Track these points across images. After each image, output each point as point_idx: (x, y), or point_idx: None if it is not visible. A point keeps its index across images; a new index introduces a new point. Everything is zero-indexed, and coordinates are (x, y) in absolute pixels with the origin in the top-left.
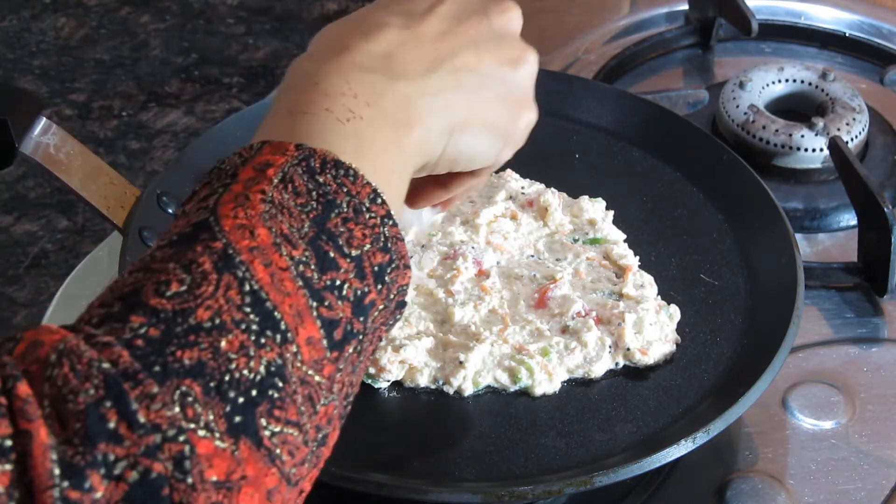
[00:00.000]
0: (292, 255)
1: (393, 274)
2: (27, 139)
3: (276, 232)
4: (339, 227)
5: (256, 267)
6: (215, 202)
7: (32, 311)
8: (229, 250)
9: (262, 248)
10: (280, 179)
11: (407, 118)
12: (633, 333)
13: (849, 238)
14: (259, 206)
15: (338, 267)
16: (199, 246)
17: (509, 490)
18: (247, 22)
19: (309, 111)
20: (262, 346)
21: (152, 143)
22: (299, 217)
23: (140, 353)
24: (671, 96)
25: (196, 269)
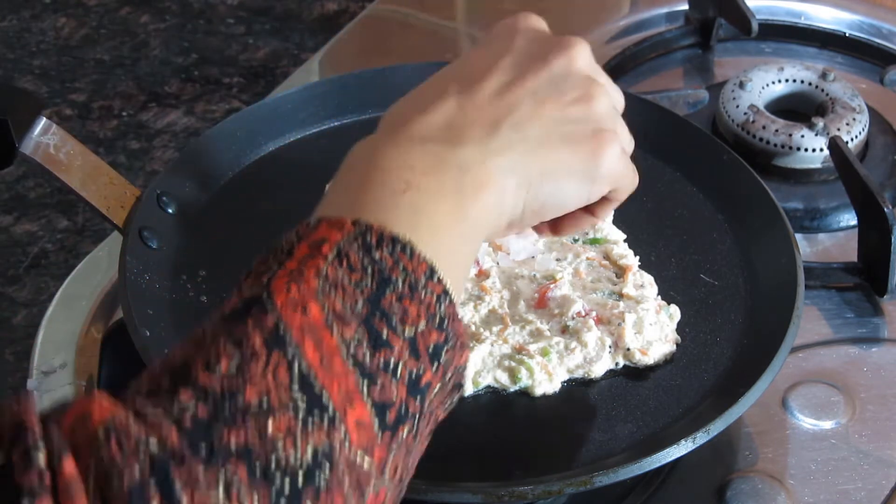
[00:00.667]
0: (344, 334)
1: (449, 354)
2: (27, 139)
3: (329, 309)
4: (394, 305)
5: (307, 346)
6: (269, 279)
7: (32, 311)
8: (280, 327)
9: (314, 327)
10: (335, 255)
11: (473, 185)
12: (633, 333)
13: (849, 238)
14: (313, 282)
15: (391, 346)
16: (250, 320)
17: (509, 490)
18: (247, 22)
19: (366, 187)
20: (308, 430)
21: (152, 143)
22: (353, 294)
23: (188, 432)
24: (671, 96)
25: (246, 346)
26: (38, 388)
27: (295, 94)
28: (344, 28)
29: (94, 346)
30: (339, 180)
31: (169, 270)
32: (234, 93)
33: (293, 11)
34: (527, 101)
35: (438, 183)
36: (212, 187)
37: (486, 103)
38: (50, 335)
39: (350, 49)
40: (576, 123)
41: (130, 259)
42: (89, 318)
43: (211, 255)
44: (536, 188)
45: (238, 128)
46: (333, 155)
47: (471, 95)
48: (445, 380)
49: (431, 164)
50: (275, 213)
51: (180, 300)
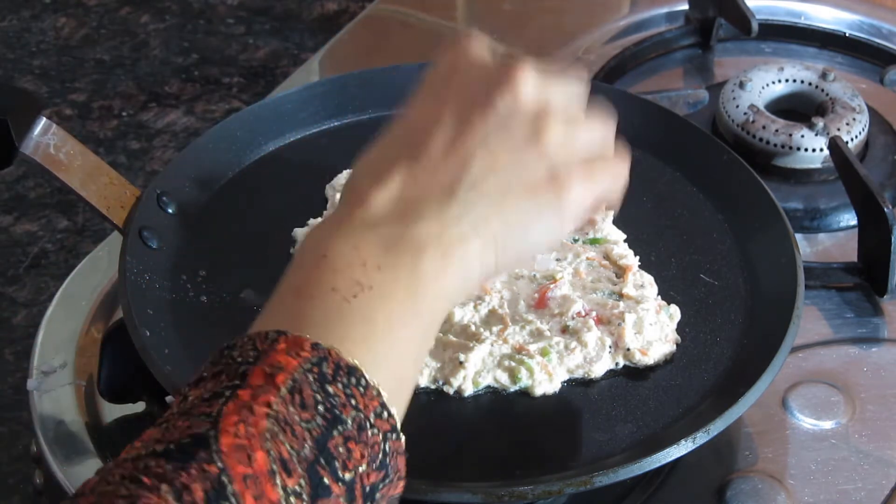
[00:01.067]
0: (286, 485)
1: (384, 490)
2: (27, 139)
3: (275, 457)
4: (340, 448)
5: (247, 500)
6: (219, 410)
7: (32, 311)
8: (223, 478)
9: (257, 477)
10: (289, 389)
11: (431, 262)
12: (633, 333)
13: (849, 238)
14: (262, 424)
15: (330, 493)
16: (194, 468)
17: (509, 490)
18: (247, 22)
19: (314, 293)
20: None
21: (152, 143)
22: (301, 436)
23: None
24: (671, 96)
25: (187, 498)
26: (38, 388)
27: (295, 94)
28: (344, 28)
29: (94, 346)
30: (291, 275)
31: (169, 270)
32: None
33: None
34: (478, 154)
35: (392, 275)
36: (212, 187)
37: (436, 166)
38: (50, 335)
39: (350, 49)
40: (531, 169)
41: (130, 259)
42: (89, 318)
43: (211, 255)
44: (504, 242)
45: (238, 128)
46: (333, 155)
47: (419, 160)
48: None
49: (383, 254)
50: (275, 213)
51: (180, 300)
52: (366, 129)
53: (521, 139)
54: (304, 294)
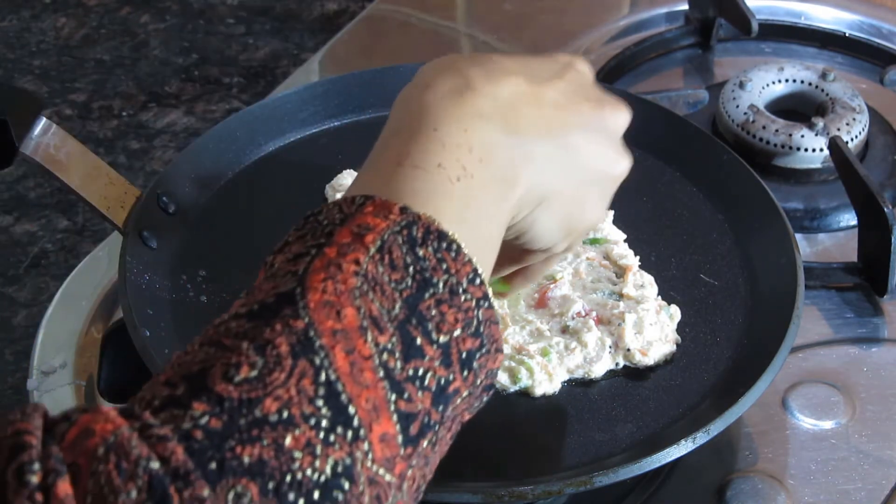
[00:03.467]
0: (378, 341)
1: (482, 359)
2: (27, 139)
3: (365, 313)
4: (432, 310)
5: (337, 353)
6: (305, 269)
7: (32, 311)
8: (310, 332)
9: (347, 332)
10: (377, 249)
11: (514, 177)
12: (633, 334)
13: (849, 238)
14: (351, 280)
15: (423, 355)
16: (278, 323)
17: (509, 490)
18: (247, 22)
19: (420, 165)
20: (330, 444)
21: (152, 143)
22: (391, 296)
23: (197, 447)
24: (671, 96)
25: (271, 352)
26: (38, 388)
27: (295, 94)
28: (344, 28)
29: (94, 346)
30: (393, 138)
31: (169, 270)
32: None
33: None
34: (580, 130)
35: (489, 173)
36: (212, 187)
37: (547, 106)
38: (50, 335)
39: (350, 49)
40: (593, 184)
41: (130, 259)
42: (89, 318)
43: (211, 255)
44: (541, 210)
45: (238, 128)
46: (333, 155)
47: (536, 89)
48: (476, 385)
49: (488, 150)
50: (275, 213)
51: (180, 300)
52: (366, 129)
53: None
54: (407, 163)
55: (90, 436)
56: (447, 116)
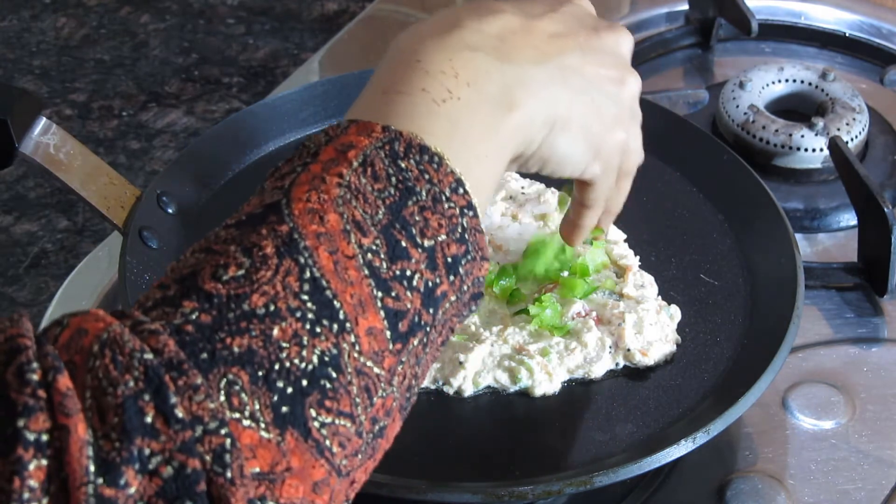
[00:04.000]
0: (361, 242)
1: (468, 265)
2: (27, 139)
3: (348, 218)
4: (415, 216)
5: (320, 253)
6: (291, 182)
7: (32, 311)
8: (295, 235)
9: (330, 235)
10: (360, 162)
11: (509, 102)
12: (633, 334)
13: (849, 238)
14: (334, 191)
15: (409, 257)
16: (264, 228)
17: (509, 490)
18: (247, 22)
19: (403, 90)
20: (316, 335)
21: (152, 143)
22: (374, 203)
23: (189, 339)
24: (671, 96)
25: (257, 253)
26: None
27: (295, 94)
28: (344, 28)
29: None
30: (380, 74)
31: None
32: (234, 93)
33: (293, 11)
34: (576, 52)
35: (479, 96)
36: (212, 187)
37: (539, 36)
38: None
39: (350, 49)
40: (606, 99)
41: (130, 259)
42: None
43: None
44: (556, 132)
45: (238, 128)
46: None
47: (527, 23)
48: (462, 291)
49: (476, 75)
50: None
51: None
52: None
53: (608, 74)
54: (392, 90)
55: (83, 335)
56: (432, 48)
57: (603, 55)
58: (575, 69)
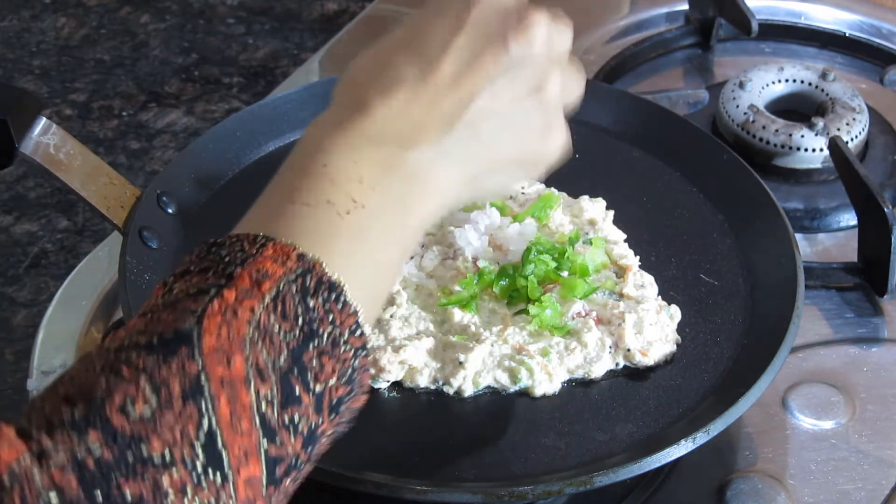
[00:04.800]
0: (259, 390)
1: (349, 403)
2: (27, 139)
3: (252, 362)
4: (313, 361)
5: (221, 402)
6: (204, 309)
7: (32, 311)
8: (202, 379)
9: (233, 382)
10: (273, 297)
11: (419, 191)
12: (633, 334)
13: (849, 238)
14: (244, 329)
15: (300, 403)
16: (175, 363)
17: (509, 490)
18: (247, 22)
19: (310, 202)
20: (200, 487)
21: (152, 143)
22: (279, 346)
23: (88, 476)
24: (671, 96)
25: (164, 393)
26: (39, 388)
27: (295, 94)
28: (344, 28)
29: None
30: (286, 178)
31: (169, 270)
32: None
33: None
34: (484, 93)
35: (383, 198)
36: (212, 187)
37: (443, 92)
38: (50, 335)
39: (350, 49)
40: (528, 117)
41: (130, 259)
42: (89, 318)
43: None
44: (480, 181)
45: (238, 128)
46: None
47: (427, 81)
48: (339, 424)
49: (380, 175)
50: None
51: None
52: None
53: (525, 88)
54: (298, 200)
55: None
56: (337, 148)
57: (514, 71)
58: (486, 114)
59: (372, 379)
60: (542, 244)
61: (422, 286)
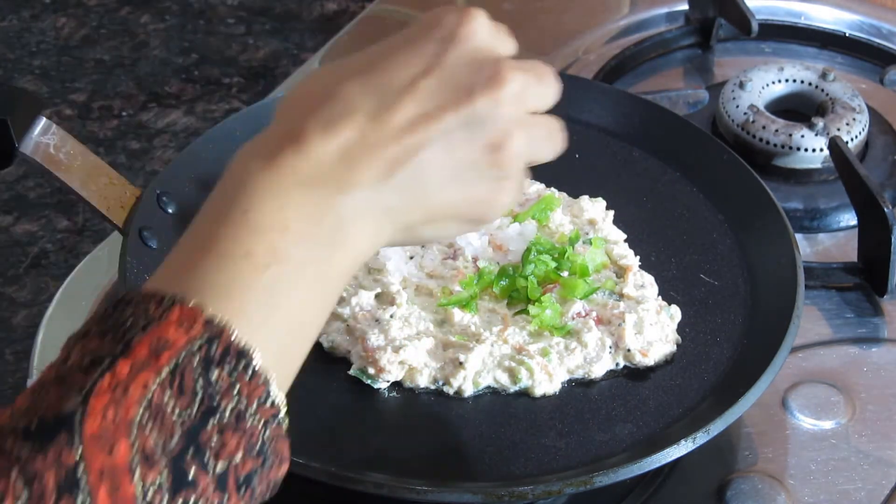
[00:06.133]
0: (145, 479)
1: (263, 475)
2: (27, 139)
3: (138, 448)
4: (212, 439)
5: (100, 494)
6: (93, 385)
7: (32, 311)
8: (79, 471)
9: (115, 470)
10: (171, 370)
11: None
12: (633, 334)
13: (849, 238)
14: (132, 411)
15: (195, 486)
16: (52, 451)
17: (509, 490)
18: (247, 22)
19: (226, 254)
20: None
21: (152, 143)
22: (171, 428)
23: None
24: (671, 96)
25: (37, 487)
26: None
27: None
28: (344, 28)
29: None
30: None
31: None
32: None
33: (293, 11)
34: (437, 143)
35: (308, 250)
36: (212, 187)
37: (391, 137)
38: (50, 335)
39: (350, 49)
40: (480, 175)
41: (130, 259)
42: None
43: None
44: (415, 231)
45: (238, 128)
46: None
47: (379, 122)
48: (254, 496)
49: (306, 224)
50: None
51: None
52: None
53: (483, 145)
54: (213, 250)
55: None
56: (261, 193)
57: (476, 127)
58: (435, 164)
59: (372, 379)
60: (542, 244)
61: (422, 286)
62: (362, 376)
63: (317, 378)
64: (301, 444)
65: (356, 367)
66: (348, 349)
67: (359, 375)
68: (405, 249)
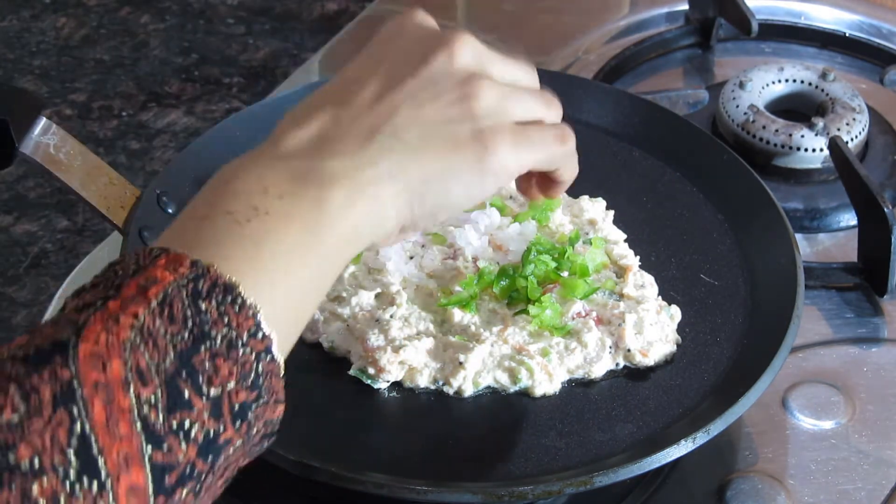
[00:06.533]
0: (139, 394)
1: (259, 410)
2: (27, 139)
3: (132, 366)
4: (205, 363)
5: (95, 405)
6: (85, 320)
7: (32, 311)
8: (74, 383)
9: (109, 385)
10: (159, 301)
11: (339, 197)
12: (633, 334)
13: (849, 238)
14: (124, 333)
15: (190, 407)
16: (46, 371)
17: (509, 490)
18: (247, 22)
19: (209, 215)
20: (73, 495)
21: (152, 143)
22: (164, 350)
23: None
24: (671, 96)
25: (34, 399)
26: None
27: (295, 94)
28: (344, 28)
29: None
30: (192, 203)
31: None
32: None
33: (293, 11)
34: (405, 105)
35: (292, 205)
36: None
37: (362, 112)
38: None
39: (350, 49)
40: (456, 124)
41: None
42: None
43: None
44: (421, 193)
45: (238, 128)
46: None
47: (346, 106)
48: (251, 434)
49: (288, 183)
50: None
51: None
52: None
53: (450, 98)
54: (198, 215)
55: None
56: (244, 168)
57: (438, 84)
58: (410, 123)
59: (372, 379)
60: (542, 244)
61: (422, 286)
62: (362, 376)
63: (317, 378)
64: (301, 444)
65: (356, 367)
66: (348, 349)
67: (359, 375)
68: (405, 249)
